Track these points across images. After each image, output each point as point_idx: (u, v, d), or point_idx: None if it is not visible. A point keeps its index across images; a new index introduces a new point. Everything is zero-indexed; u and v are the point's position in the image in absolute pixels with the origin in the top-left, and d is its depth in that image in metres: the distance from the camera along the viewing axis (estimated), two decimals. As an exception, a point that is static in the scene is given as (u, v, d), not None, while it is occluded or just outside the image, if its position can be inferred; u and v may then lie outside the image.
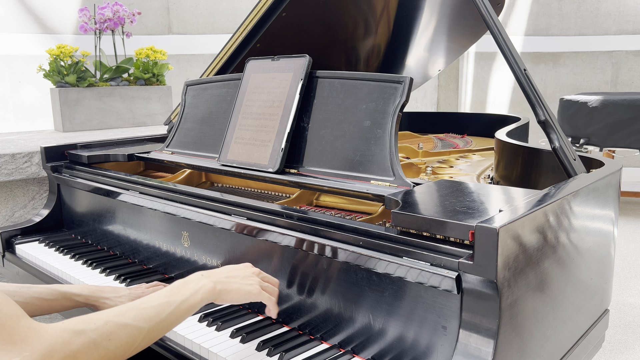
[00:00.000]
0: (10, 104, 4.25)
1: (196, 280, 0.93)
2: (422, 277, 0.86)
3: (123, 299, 1.15)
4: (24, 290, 1.08)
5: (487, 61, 5.99)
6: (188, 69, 4.83)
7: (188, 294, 0.90)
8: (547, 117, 1.17)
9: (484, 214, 0.87)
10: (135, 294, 1.18)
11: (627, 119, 4.14)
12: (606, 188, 1.20)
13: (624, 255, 3.58)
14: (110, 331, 0.78)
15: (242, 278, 0.99)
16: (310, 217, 1.06)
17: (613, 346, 2.42)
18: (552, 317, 0.98)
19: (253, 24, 1.70)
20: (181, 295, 0.89)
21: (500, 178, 1.54)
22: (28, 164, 1.94)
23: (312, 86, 1.35)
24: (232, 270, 1.00)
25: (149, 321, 0.83)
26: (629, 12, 5.75)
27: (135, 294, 1.18)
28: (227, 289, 0.95)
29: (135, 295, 1.18)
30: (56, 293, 1.10)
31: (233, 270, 1.01)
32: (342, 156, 1.24)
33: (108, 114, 2.85)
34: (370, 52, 2.15)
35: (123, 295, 1.16)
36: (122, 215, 1.53)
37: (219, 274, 0.98)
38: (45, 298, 1.08)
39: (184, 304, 0.89)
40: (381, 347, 0.95)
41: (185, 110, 1.71)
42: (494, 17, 1.20)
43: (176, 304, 0.88)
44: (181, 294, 0.89)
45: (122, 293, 1.17)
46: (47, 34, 4.32)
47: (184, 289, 0.91)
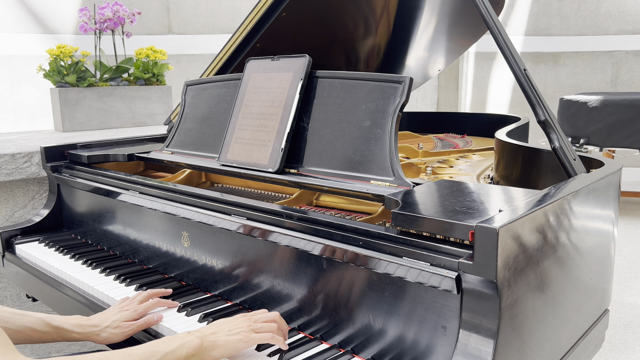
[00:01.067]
0: (10, 104, 4.26)
1: (182, 336, 0.93)
2: (422, 277, 0.86)
3: (115, 323, 1.11)
4: (16, 318, 1.06)
5: (487, 61, 5.99)
6: (188, 69, 4.83)
7: (174, 347, 0.90)
8: (547, 117, 1.17)
9: (484, 214, 0.87)
10: (126, 315, 1.13)
11: (627, 119, 4.14)
12: (606, 188, 1.20)
13: (624, 255, 3.58)
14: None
15: (228, 331, 0.97)
16: (310, 217, 1.06)
17: (613, 346, 2.42)
18: (552, 317, 0.98)
19: (253, 24, 1.70)
20: (167, 347, 0.89)
21: (500, 178, 1.54)
22: (28, 164, 1.94)
23: (312, 86, 1.35)
24: (220, 325, 0.99)
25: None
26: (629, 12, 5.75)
27: (126, 315, 1.13)
28: (213, 344, 0.94)
29: (127, 316, 1.13)
30: (49, 327, 1.08)
31: (221, 325, 0.99)
32: (342, 156, 1.24)
33: (108, 114, 2.85)
34: (370, 52, 2.15)
35: (114, 321, 1.12)
36: (122, 215, 1.53)
37: (206, 330, 0.97)
38: (37, 329, 1.06)
39: (168, 357, 0.89)
40: (381, 347, 0.95)
41: (185, 110, 1.71)
42: (494, 17, 1.19)
43: (160, 354, 0.88)
44: (167, 346, 0.90)
45: (112, 318, 1.12)
46: (47, 34, 4.32)
47: (170, 342, 0.91)
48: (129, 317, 1.13)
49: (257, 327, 0.99)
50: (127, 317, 1.13)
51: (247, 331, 0.98)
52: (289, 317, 1.10)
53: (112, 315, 1.13)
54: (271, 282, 1.12)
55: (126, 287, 1.33)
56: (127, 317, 1.13)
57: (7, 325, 1.04)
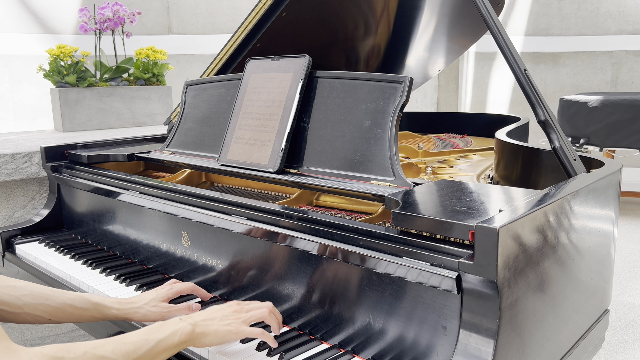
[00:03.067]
0: (10, 104, 4.26)
1: (175, 322, 0.94)
2: (422, 277, 0.86)
3: (153, 302, 1.14)
4: (57, 295, 1.08)
5: (487, 61, 5.99)
6: (188, 69, 4.83)
7: (166, 334, 0.90)
8: (547, 117, 1.17)
9: (484, 214, 0.87)
10: (162, 293, 1.17)
11: (627, 119, 4.14)
12: (606, 188, 1.20)
13: (624, 255, 3.58)
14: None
15: (220, 319, 0.98)
16: (310, 217, 1.06)
17: (613, 346, 2.42)
18: (552, 317, 0.98)
19: (253, 24, 1.70)
20: (159, 335, 0.90)
21: (500, 178, 1.54)
22: (28, 164, 1.94)
23: (312, 86, 1.35)
24: (212, 312, 1.00)
25: (126, 356, 0.85)
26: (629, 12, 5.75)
27: (162, 293, 1.17)
28: (204, 332, 0.95)
29: (163, 294, 1.17)
30: (88, 303, 1.09)
31: (214, 312, 1.00)
32: (342, 156, 1.24)
33: (108, 114, 2.85)
34: (370, 52, 2.15)
35: (152, 299, 1.15)
36: (122, 215, 1.53)
37: (198, 317, 0.97)
38: (77, 306, 1.08)
39: (161, 344, 0.89)
40: (381, 347, 0.95)
41: (185, 110, 1.71)
42: (494, 17, 1.20)
43: (154, 342, 0.89)
44: (160, 333, 0.90)
45: (150, 297, 1.16)
46: (47, 34, 4.32)
47: (162, 329, 0.91)
48: (165, 295, 1.17)
49: (248, 318, 1.00)
50: (163, 294, 1.17)
51: (238, 323, 0.99)
52: (289, 317, 1.10)
53: (149, 294, 1.17)
54: (271, 282, 1.12)
55: (126, 287, 1.33)
56: (164, 295, 1.17)
57: (47, 302, 1.06)
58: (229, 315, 1.00)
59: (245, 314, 1.01)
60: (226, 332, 0.97)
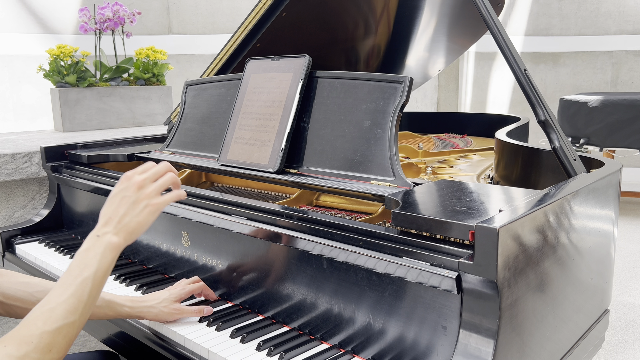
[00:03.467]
0: (10, 104, 4.26)
1: (97, 243, 0.86)
2: (422, 277, 0.86)
3: (165, 302, 1.14)
4: None
5: (487, 61, 5.99)
6: (188, 69, 4.83)
7: (97, 263, 0.84)
8: (547, 117, 1.17)
9: (484, 214, 0.87)
10: (175, 294, 1.16)
11: (627, 119, 4.14)
12: (606, 188, 1.20)
13: (624, 255, 3.58)
14: (48, 342, 0.77)
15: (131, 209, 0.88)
16: (310, 217, 1.06)
17: (613, 346, 2.42)
18: (552, 317, 0.98)
19: (253, 24, 1.70)
20: (91, 268, 0.83)
21: (500, 178, 1.54)
22: (28, 164, 1.94)
23: (312, 86, 1.35)
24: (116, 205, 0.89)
25: (75, 311, 0.80)
26: (629, 12, 5.75)
27: (175, 294, 1.16)
28: (129, 231, 0.87)
29: (176, 294, 1.16)
30: (101, 300, 1.08)
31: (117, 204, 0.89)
32: (342, 156, 1.24)
33: (108, 114, 2.85)
34: (370, 52, 2.15)
35: (164, 299, 1.14)
36: (122, 215, 1.53)
37: (114, 219, 0.88)
38: None
39: (98, 274, 0.84)
40: (381, 347, 0.95)
41: (185, 110, 1.71)
42: (494, 17, 1.20)
43: (91, 279, 0.83)
44: (90, 266, 0.84)
45: (163, 297, 1.15)
46: (47, 34, 4.32)
47: (90, 260, 0.84)
48: (178, 295, 1.16)
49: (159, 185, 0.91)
50: (176, 294, 1.16)
51: (149, 198, 0.90)
52: (289, 317, 1.10)
53: (162, 294, 1.16)
54: (271, 282, 1.12)
55: (126, 287, 1.33)
56: (176, 295, 1.16)
57: None
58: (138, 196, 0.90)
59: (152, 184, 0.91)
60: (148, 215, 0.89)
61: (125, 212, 0.89)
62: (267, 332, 1.08)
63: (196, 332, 1.09)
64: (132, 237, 0.89)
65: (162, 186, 0.92)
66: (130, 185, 0.91)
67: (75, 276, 0.83)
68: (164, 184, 0.93)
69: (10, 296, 1.03)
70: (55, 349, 0.78)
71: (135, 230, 0.89)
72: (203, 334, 1.08)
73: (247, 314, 1.16)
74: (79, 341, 2.14)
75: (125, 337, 1.23)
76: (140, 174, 0.93)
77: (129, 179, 0.91)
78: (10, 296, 1.03)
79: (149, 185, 0.92)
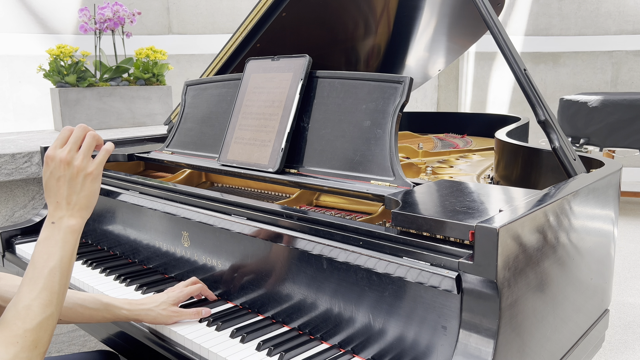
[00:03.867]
0: (10, 104, 4.26)
1: (55, 230, 0.84)
2: (422, 277, 0.86)
3: (164, 305, 1.13)
4: (69, 295, 1.07)
5: (487, 61, 5.99)
6: (188, 69, 4.83)
7: (60, 250, 0.83)
8: (547, 117, 1.17)
9: (484, 214, 0.87)
10: (173, 297, 1.15)
11: (627, 119, 4.14)
12: (606, 188, 1.20)
13: (624, 255, 3.58)
14: (33, 339, 0.78)
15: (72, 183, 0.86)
16: (310, 217, 1.06)
17: (613, 346, 2.42)
18: (552, 317, 0.98)
19: (253, 24, 1.70)
20: (56, 256, 0.83)
21: (500, 178, 1.54)
22: (28, 164, 1.94)
23: (312, 86, 1.35)
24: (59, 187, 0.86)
25: (50, 303, 0.80)
26: (629, 12, 5.75)
27: (173, 297, 1.15)
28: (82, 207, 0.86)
29: (174, 297, 1.15)
30: (99, 303, 1.08)
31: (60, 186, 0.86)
32: (342, 156, 1.24)
33: (108, 114, 2.85)
34: (370, 52, 2.15)
35: (162, 302, 1.14)
36: (122, 215, 1.53)
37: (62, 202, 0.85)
38: (88, 306, 1.07)
39: (64, 261, 0.83)
40: (381, 347, 0.95)
41: (185, 110, 1.71)
42: (494, 17, 1.20)
43: (58, 268, 0.82)
44: (54, 254, 0.83)
45: (161, 300, 1.14)
46: (47, 34, 4.32)
47: (52, 249, 0.83)
48: (177, 298, 1.15)
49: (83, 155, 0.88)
50: (174, 297, 1.15)
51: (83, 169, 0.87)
52: (289, 317, 1.10)
53: (160, 297, 1.15)
54: (271, 282, 1.12)
55: (126, 287, 1.33)
56: (175, 298, 1.15)
57: None
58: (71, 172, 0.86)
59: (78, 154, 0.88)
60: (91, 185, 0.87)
61: (69, 192, 0.86)
62: (267, 332, 1.08)
63: (196, 332, 1.09)
64: (88, 212, 0.88)
65: (88, 151, 0.89)
66: (58, 164, 0.87)
67: (41, 268, 0.82)
68: (89, 148, 0.89)
69: (7, 299, 1.03)
70: (40, 343, 0.79)
71: (88, 205, 0.87)
72: (203, 333, 1.08)
73: (247, 314, 1.16)
74: (79, 341, 2.14)
75: (125, 337, 1.23)
76: (61, 147, 0.88)
77: (53, 159, 0.87)
78: (7, 299, 1.03)
79: (76, 155, 0.88)
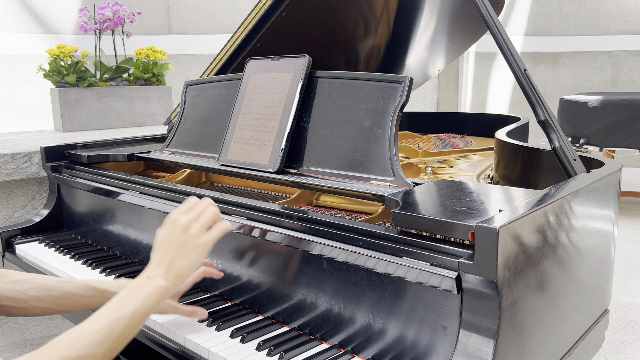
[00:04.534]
0: (10, 104, 4.25)
1: (145, 283, 0.87)
2: (422, 277, 0.86)
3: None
4: (62, 285, 1.07)
5: (487, 61, 5.99)
6: (188, 69, 4.83)
7: (139, 302, 0.84)
8: (547, 117, 1.17)
9: (484, 214, 0.87)
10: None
11: (627, 119, 4.14)
12: (606, 188, 1.20)
13: (624, 255, 3.58)
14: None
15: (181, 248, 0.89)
16: (310, 217, 1.06)
17: (613, 346, 2.42)
18: (552, 317, 0.98)
19: (253, 24, 1.70)
20: (132, 305, 0.84)
21: (500, 178, 1.54)
22: (28, 164, 1.94)
23: (312, 86, 1.35)
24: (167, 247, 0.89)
25: (103, 344, 0.79)
26: (629, 12, 5.75)
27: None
28: (178, 274, 0.88)
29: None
30: (94, 290, 1.09)
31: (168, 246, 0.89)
32: (342, 156, 1.24)
33: (108, 114, 2.85)
34: (370, 52, 2.15)
35: None
36: (122, 215, 1.53)
37: (164, 262, 0.88)
38: (82, 294, 1.08)
39: (137, 313, 0.84)
40: (381, 347, 0.95)
41: (185, 110, 1.71)
42: (494, 17, 1.20)
43: (128, 316, 0.82)
44: (132, 303, 0.84)
45: None
46: (47, 34, 4.32)
47: (134, 297, 0.85)
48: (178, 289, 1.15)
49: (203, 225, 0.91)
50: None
51: (195, 238, 0.90)
52: (289, 317, 1.10)
53: None
54: (271, 282, 1.12)
55: (126, 287, 1.33)
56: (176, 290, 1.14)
57: (53, 293, 1.05)
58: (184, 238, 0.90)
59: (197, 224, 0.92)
60: (197, 256, 0.89)
61: (175, 256, 0.89)
62: (267, 332, 1.08)
63: (196, 332, 1.09)
64: (181, 280, 0.90)
65: (206, 224, 0.93)
66: (176, 228, 0.91)
67: (115, 310, 0.83)
68: (207, 221, 0.93)
69: (2, 296, 1.03)
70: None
71: (184, 273, 0.90)
72: (203, 333, 1.08)
73: (247, 314, 1.16)
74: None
75: (125, 337, 1.23)
76: (184, 213, 0.93)
77: (174, 222, 0.92)
78: (2, 296, 1.03)
79: (194, 225, 0.92)
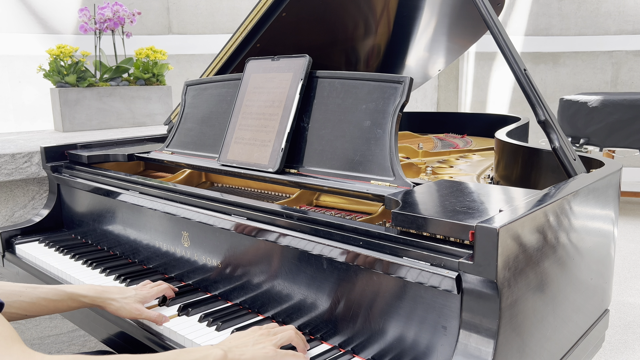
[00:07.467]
0: (11, 104, 4.25)
1: (206, 347, 0.89)
2: (422, 277, 0.86)
3: (129, 299, 1.15)
4: (29, 290, 1.08)
5: (487, 61, 5.99)
6: (188, 69, 4.83)
7: (196, 357, 0.85)
8: (547, 117, 1.17)
9: (484, 214, 0.87)
10: (140, 295, 1.17)
11: (627, 119, 4.14)
12: (606, 188, 1.20)
13: (624, 255, 3.58)
14: None
15: (253, 344, 0.93)
16: (310, 217, 1.06)
17: (613, 346, 2.42)
18: (552, 317, 0.98)
19: (253, 24, 1.70)
20: (189, 357, 0.85)
21: (500, 178, 1.54)
22: (28, 164, 1.94)
23: (312, 86, 1.35)
24: (242, 337, 0.95)
25: None
26: (629, 12, 5.75)
27: (140, 295, 1.17)
28: (238, 356, 0.90)
29: (141, 296, 1.17)
30: (62, 294, 1.10)
31: (243, 337, 0.95)
32: (342, 156, 1.24)
33: (108, 114, 2.85)
34: (370, 52, 2.15)
35: (129, 297, 1.16)
36: (122, 215, 1.53)
37: (229, 343, 0.93)
38: (51, 299, 1.09)
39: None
40: (381, 347, 0.95)
41: (185, 110, 1.71)
42: (494, 17, 1.20)
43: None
44: (190, 355, 0.85)
45: (128, 294, 1.16)
46: (48, 34, 4.32)
47: (193, 353, 0.86)
48: (144, 297, 1.18)
49: (278, 341, 0.96)
50: (142, 296, 1.18)
51: (272, 345, 0.94)
52: (289, 317, 1.10)
53: (129, 291, 1.18)
54: (271, 282, 1.13)
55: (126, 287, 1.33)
56: (142, 297, 1.18)
57: (21, 298, 1.06)
58: (259, 339, 0.95)
59: (274, 336, 0.96)
60: (263, 356, 0.92)
61: (245, 344, 0.93)
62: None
63: (196, 331, 1.09)
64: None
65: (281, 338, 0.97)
66: (256, 330, 0.98)
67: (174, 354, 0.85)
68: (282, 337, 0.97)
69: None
70: None
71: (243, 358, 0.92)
72: (203, 333, 1.08)
73: (247, 314, 1.16)
74: (79, 341, 2.14)
75: (126, 337, 1.23)
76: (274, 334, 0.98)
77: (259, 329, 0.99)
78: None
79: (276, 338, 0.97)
